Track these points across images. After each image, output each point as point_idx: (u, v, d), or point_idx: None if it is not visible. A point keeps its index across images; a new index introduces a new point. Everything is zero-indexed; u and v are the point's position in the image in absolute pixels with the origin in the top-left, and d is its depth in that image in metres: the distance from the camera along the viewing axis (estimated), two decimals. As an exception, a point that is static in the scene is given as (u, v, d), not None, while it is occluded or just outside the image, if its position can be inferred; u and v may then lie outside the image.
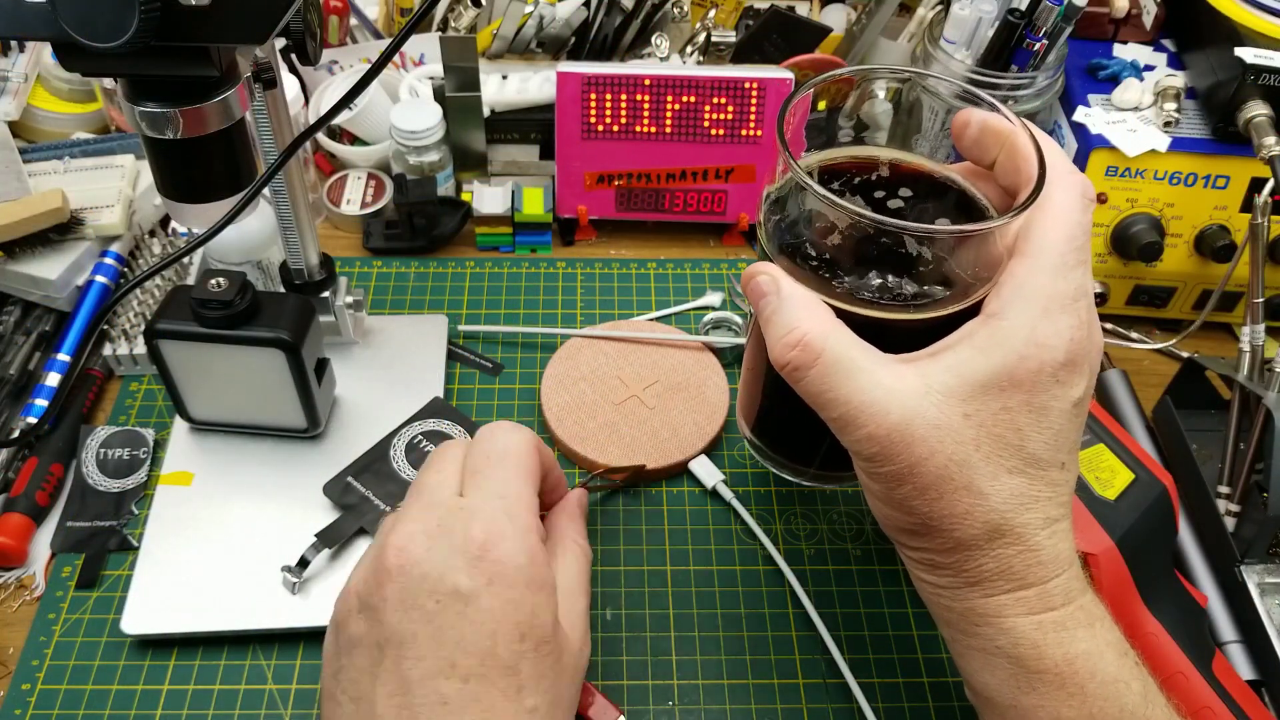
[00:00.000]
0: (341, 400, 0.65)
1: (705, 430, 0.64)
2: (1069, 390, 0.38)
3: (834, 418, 0.39)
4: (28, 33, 0.39)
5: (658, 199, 0.78)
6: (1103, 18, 0.78)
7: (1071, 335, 0.37)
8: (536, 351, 0.71)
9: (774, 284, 0.40)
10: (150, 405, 0.66)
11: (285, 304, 0.57)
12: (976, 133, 0.42)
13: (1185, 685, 0.51)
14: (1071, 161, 0.41)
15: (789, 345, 0.38)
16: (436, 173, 0.77)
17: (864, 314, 0.39)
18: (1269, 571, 0.57)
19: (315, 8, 0.50)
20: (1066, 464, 0.39)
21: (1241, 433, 0.62)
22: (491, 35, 0.81)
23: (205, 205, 0.47)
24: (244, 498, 0.60)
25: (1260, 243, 0.66)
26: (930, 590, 0.41)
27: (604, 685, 0.54)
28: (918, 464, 0.37)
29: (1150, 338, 0.75)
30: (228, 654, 0.55)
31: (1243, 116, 0.67)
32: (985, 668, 0.40)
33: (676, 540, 0.61)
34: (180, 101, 0.43)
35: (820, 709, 0.54)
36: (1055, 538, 0.39)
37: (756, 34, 0.82)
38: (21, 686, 0.54)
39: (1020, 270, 0.38)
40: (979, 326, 0.38)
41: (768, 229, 0.43)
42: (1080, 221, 0.39)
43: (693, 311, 0.74)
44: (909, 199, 0.43)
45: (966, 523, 0.38)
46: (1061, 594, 0.39)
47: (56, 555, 0.59)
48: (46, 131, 0.80)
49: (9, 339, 0.67)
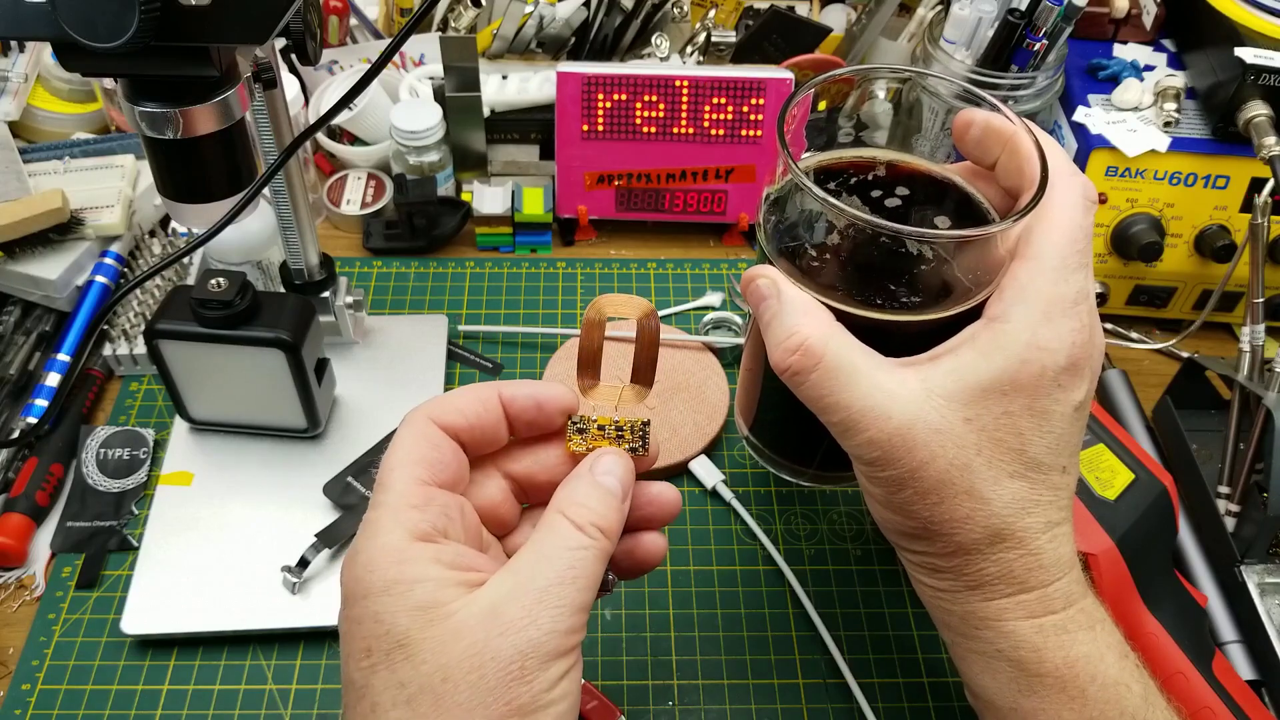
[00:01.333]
0: (341, 400, 0.65)
1: (705, 430, 0.64)
2: (1070, 394, 0.38)
3: (834, 422, 0.38)
4: (28, 33, 0.39)
5: (658, 199, 0.78)
6: (1103, 18, 0.78)
7: (1073, 339, 0.37)
8: (536, 351, 0.71)
9: (774, 287, 0.40)
10: (150, 405, 0.66)
11: (285, 304, 0.57)
12: (978, 133, 0.41)
13: (1185, 685, 0.51)
14: (1073, 162, 0.41)
15: (789, 350, 0.38)
16: (436, 173, 0.77)
17: (865, 316, 0.39)
18: (1269, 571, 0.57)
19: (315, 8, 0.50)
20: (1068, 467, 0.39)
21: (1241, 433, 0.62)
22: (491, 35, 0.81)
23: (205, 205, 0.47)
24: (244, 498, 0.60)
25: (1260, 243, 0.66)
26: (930, 594, 0.41)
27: (604, 685, 0.54)
28: (919, 468, 0.37)
29: (1150, 338, 0.75)
30: (228, 654, 0.55)
31: (1243, 116, 0.67)
32: (986, 671, 0.40)
33: (676, 540, 0.61)
34: (180, 101, 0.43)
35: (820, 709, 0.54)
36: (1056, 541, 0.39)
37: (756, 34, 0.82)
38: (21, 686, 0.54)
39: (1022, 273, 0.38)
40: (980, 330, 0.38)
41: (767, 230, 0.43)
42: (1082, 224, 0.38)
43: (693, 311, 0.74)
44: (909, 200, 0.43)
45: (967, 527, 0.38)
46: (1062, 597, 0.39)
47: (56, 555, 0.59)
48: (46, 131, 0.80)
49: (9, 339, 0.67)
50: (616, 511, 0.37)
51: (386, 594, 0.34)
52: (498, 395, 0.39)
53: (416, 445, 0.37)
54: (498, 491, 0.40)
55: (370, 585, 0.34)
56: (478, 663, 0.32)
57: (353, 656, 0.34)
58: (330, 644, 0.56)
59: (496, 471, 0.40)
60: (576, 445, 0.39)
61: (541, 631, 0.32)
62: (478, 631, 0.32)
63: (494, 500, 0.40)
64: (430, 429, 0.38)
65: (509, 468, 0.40)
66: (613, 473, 0.38)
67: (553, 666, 0.33)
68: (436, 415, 0.38)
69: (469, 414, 0.38)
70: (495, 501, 0.40)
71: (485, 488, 0.40)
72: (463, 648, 0.32)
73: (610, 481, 0.37)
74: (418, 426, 0.38)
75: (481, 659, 0.32)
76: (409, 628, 0.33)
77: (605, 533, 0.36)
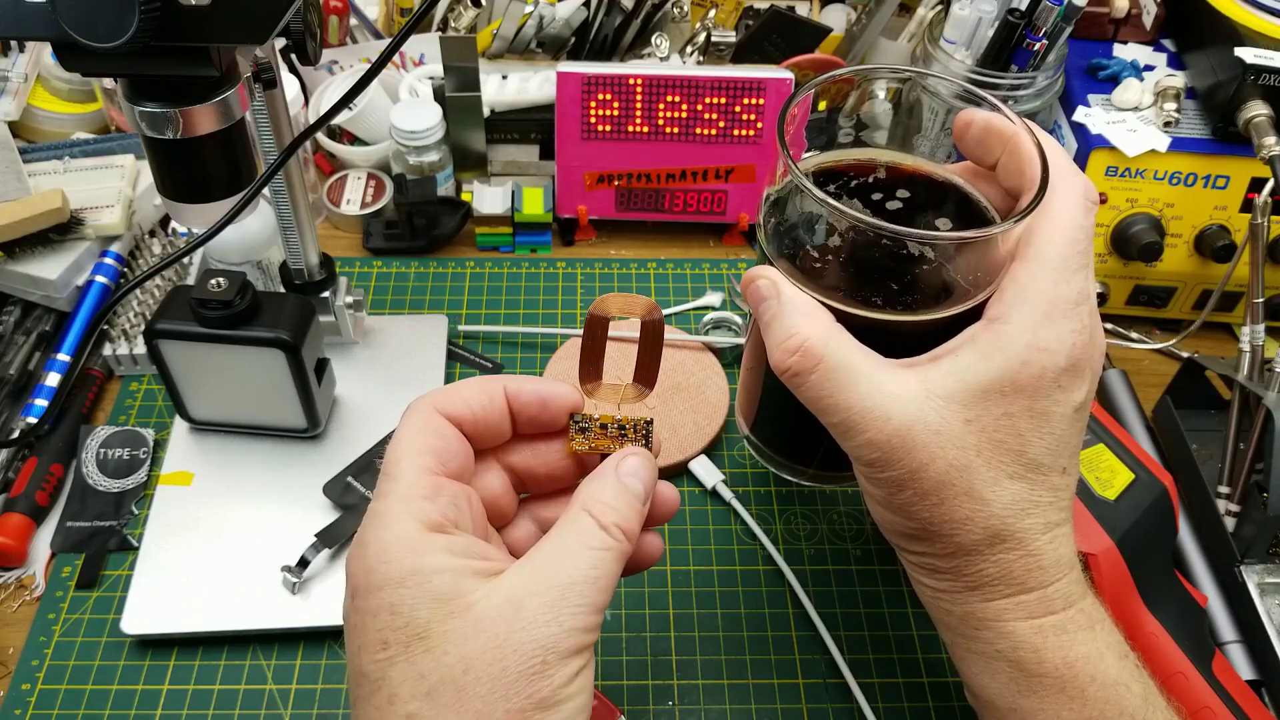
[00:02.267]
0: (341, 400, 0.65)
1: (705, 430, 0.64)
2: (1071, 395, 0.38)
3: (834, 423, 0.38)
4: (28, 33, 0.39)
5: (658, 199, 0.78)
6: (1103, 18, 0.78)
7: (1074, 340, 0.37)
8: (536, 351, 0.71)
9: (774, 288, 0.40)
10: (150, 405, 0.66)
11: (285, 304, 0.57)
12: (979, 133, 0.41)
13: (1185, 685, 0.51)
14: (1073, 162, 0.41)
15: (789, 351, 0.38)
16: (436, 173, 0.77)
17: (865, 316, 0.39)
18: (1269, 571, 0.57)
19: (315, 8, 0.50)
20: (1068, 468, 0.39)
21: (1241, 433, 0.62)
22: (491, 35, 0.81)
23: (205, 205, 0.47)
24: (244, 498, 0.60)
25: (1260, 243, 0.66)
26: (930, 594, 0.41)
27: (604, 685, 0.54)
28: (918, 469, 0.37)
29: (1150, 338, 0.75)
30: (228, 654, 0.55)
31: (1243, 116, 0.67)
32: (985, 671, 0.40)
33: (676, 540, 0.61)
34: (180, 101, 0.43)
35: (820, 709, 0.54)
36: (1056, 542, 0.39)
37: (756, 34, 0.82)
38: (21, 686, 0.54)
39: (1022, 274, 0.38)
40: (981, 331, 0.38)
41: (767, 231, 0.43)
42: (1082, 224, 0.38)
43: (693, 311, 0.74)
44: (910, 200, 0.43)
45: (967, 528, 0.38)
46: (1062, 598, 0.39)
47: (56, 555, 0.59)
48: (46, 131, 0.80)
49: (9, 339, 0.67)
50: (638, 515, 0.37)
51: (403, 585, 0.33)
52: (503, 390, 0.39)
53: (423, 434, 0.37)
54: (497, 483, 0.40)
55: (385, 576, 0.33)
56: (499, 655, 0.32)
57: (366, 649, 0.34)
58: (330, 644, 0.56)
59: (496, 463, 0.40)
60: (579, 445, 0.39)
61: (563, 628, 0.32)
62: (499, 624, 0.32)
63: (494, 492, 0.40)
64: (436, 419, 0.37)
65: (508, 460, 0.40)
66: (638, 475, 0.37)
67: (571, 662, 0.33)
68: (442, 406, 0.38)
69: (474, 406, 0.38)
70: (496, 493, 0.40)
71: (485, 479, 0.40)
72: (484, 640, 0.32)
73: (635, 484, 0.37)
74: (424, 416, 0.37)
75: (503, 651, 0.32)
76: (429, 619, 0.33)
77: (627, 535, 0.36)
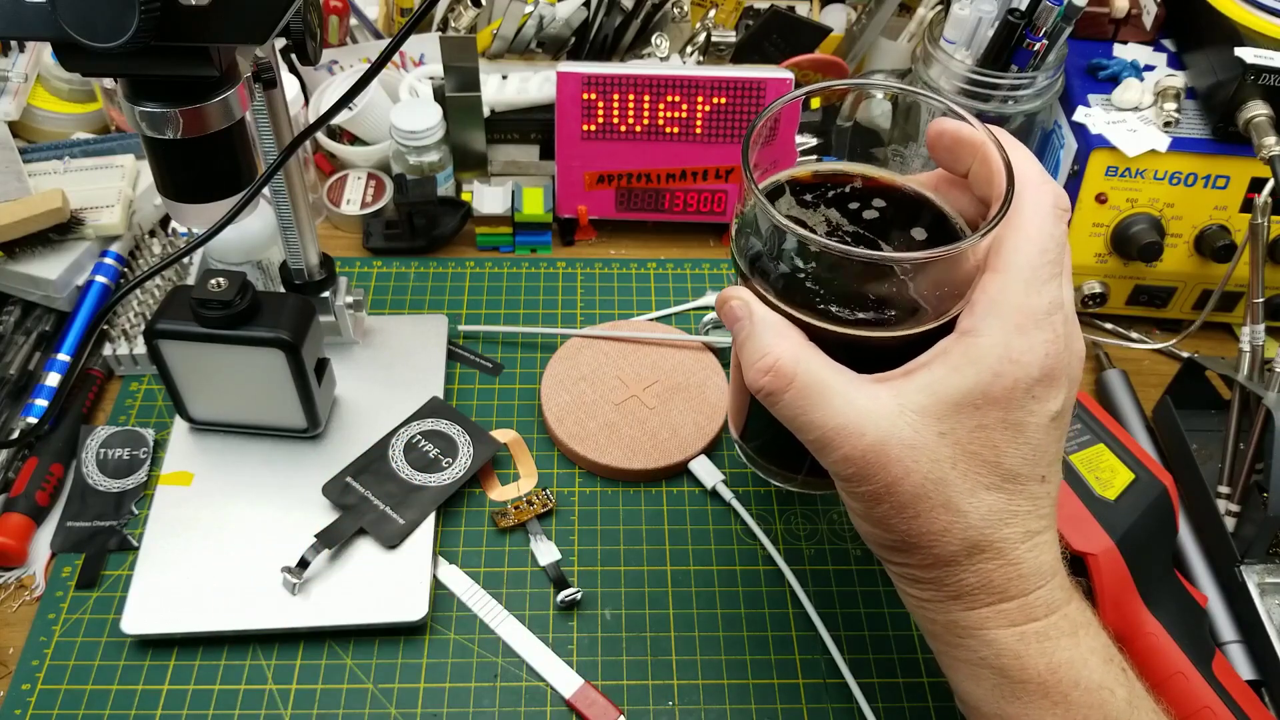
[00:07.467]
0: (341, 400, 0.65)
1: (705, 430, 0.64)
2: (1045, 405, 0.38)
3: (810, 440, 0.39)
4: (28, 33, 0.39)
5: (658, 199, 0.78)
6: (1103, 18, 0.78)
7: (1046, 350, 0.37)
8: (536, 351, 0.71)
9: (746, 309, 0.40)
10: (150, 405, 0.66)
11: (285, 304, 0.57)
12: (950, 143, 0.41)
13: (1185, 685, 0.51)
14: (1046, 169, 0.40)
15: (761, 371, 0.39)
16: (436, 173, 0.77)
17: (837, 332, 0.39)
18: (1269, 571, 0.57)
19: (315, 8, 0.50)
20: (1047, 476, 0.39)
21: (1241, 433, 0.62)
22: (491, 35, 0.81)
23: (205, 205, 0.47)
24: (244, 498, 0.60)
25: (1260, 243, 0.66)
26: (914, 603, 0.42)
27: (604, 685, 0.54)
28: (894, 483, 0.37)
29: (1150, 338, 0.75)
30: (228, 654, 0.55)
31: (1243, 116, 0.67)
32: (970, 678, 0.41)
33: (676, 540, 0.61)
34: (180, 101, 0.43)
35: (820, 709, 0.54)
36: (1036, 550, 0.39)
37: (756, 34, 0.82)
38: (21, 686, 0.54)
39: (993, 286, 0.38)
40: (953, 344, 0.38)
41: (739, 249, 0.42)
42: (1052, 233, 0.38)
43: (693, 311, 0.74)
44: (881, 212, 0.42)
45: (945, 539, 0.38)
46: (1044, 605, 0.39)
47: (56, 555, 0.59)
48: (46, 131, 0.80)
49: (9, 339, 0.67)
50: None
51: None
52: None
53: None
54: None
55: None
56: None
57: None
58: (331, 644, 0.56)
59: None
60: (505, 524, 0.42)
61: None
62: None
63: None
64: None
65: None
66: None
67: None
68: None
69: None
70: None
71: None
72: None
73: None
74: None
75: None
76: None
77: None
